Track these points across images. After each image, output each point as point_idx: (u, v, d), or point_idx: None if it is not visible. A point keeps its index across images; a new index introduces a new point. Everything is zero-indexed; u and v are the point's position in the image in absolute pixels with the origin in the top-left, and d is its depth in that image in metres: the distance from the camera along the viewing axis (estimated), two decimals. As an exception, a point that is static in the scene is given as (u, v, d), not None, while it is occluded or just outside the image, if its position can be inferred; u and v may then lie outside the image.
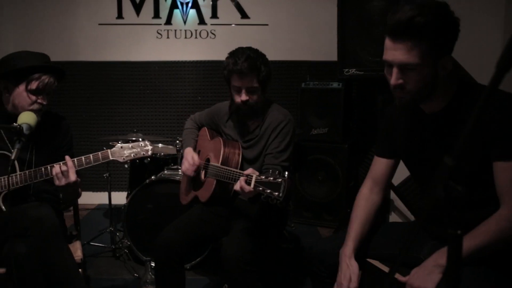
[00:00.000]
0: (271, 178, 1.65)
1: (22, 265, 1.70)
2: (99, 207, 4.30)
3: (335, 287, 1.59)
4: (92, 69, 4.29)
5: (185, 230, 2.09)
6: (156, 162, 3.17)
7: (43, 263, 1.79)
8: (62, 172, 1.84)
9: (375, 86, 3.15)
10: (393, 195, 3.33)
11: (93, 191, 4.30)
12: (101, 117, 4.38)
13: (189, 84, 4.34)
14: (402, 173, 2.23)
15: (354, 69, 3.04)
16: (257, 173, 1.72)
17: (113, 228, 3.24)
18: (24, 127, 1.69)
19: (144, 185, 2.87)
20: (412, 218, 3.31)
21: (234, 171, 1.94)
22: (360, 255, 1.63)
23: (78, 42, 4.28)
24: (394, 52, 1.37)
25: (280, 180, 1.62)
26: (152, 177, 2.94)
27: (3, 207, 1.90)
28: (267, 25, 4.28)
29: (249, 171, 1.74)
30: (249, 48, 2.10)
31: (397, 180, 3.13)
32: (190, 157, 2.21)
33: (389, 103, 1.71)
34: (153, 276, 2.53)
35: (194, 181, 2.35)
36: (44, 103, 2.01)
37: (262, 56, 2.11)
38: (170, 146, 3.51)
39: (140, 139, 2.03)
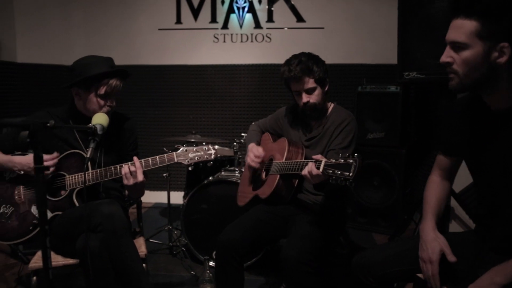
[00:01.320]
0: (342, 160, 1.64)
1: (95, 258, 1.80)
2: (156, 206, 4.45)
3: (422, 265, 1.53)
4: (152, 73, 4.46)
5: (246, 230, 2.12)
6: (213, 163, 3.24)
7: (112, 257, 1.88)
8: (130, 172, 1.93)
9: (437, 90, 3.05)
10: (453, 203, 3.21)
11: (151, 190, 4.45)
12: (160, 119, 4.54)
13: (244, 87, 4.41)
14: (464, 179, 2.15)
15: (415, 73, 2.96)
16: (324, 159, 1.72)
17: (171, 226, 3.34)
18: (98, 127, 1.78)
19: (202, 185, 2.94)
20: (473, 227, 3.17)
21: (299, 161, 1.96)
22: (412, 268, 1.59)
23: (139, 47, 4.45)
24: (450, 30, 1.40)
25: (351, 161, 1.61)
26: (210, 177, 3.00)
27: (76, 203, 2.02)
28: (322, 28, 4.27)
29: (318, 156, 1.75)
30: (302, 53, 2.18)
31: (458, 187, 3.01)
32: (255, 150, 2.27)
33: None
34: (211, 275, 2.59)
35: (254, 182, 2.38)
36: (113, 105, 2.14)
37: (314, 57, 2.17)
38: (226, 148, 3.56)
39: (204, 143, 2.08)
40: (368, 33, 4.18)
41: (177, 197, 3.93)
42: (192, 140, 3.11)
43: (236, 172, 3.07)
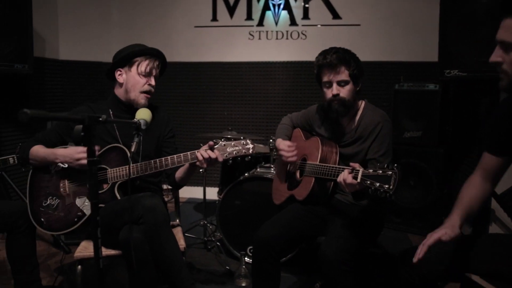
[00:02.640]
0: (380, 171, 1.62)
1: (137, 249, 1.85)
2: (190, 201, 4.52)
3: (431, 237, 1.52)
4: (187, 69, 4.53)
5: (283, 228, 2.13)
6: (248, 160, 3.26)
7: (153, 249, 1.93)
8: (210, 159, 1.95)
9: (479, 88, 2.97)
10: (494, 204, 3.12)
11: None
12: (195, 115, 4.61)
13: (279, 85, 4.42)
14: (506, 181, 2.09)
15: (457, 70, 2.89)
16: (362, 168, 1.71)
17: (206, 221, 3.38)
18: (142, 122, 1.83)
19: (238, 181, 2.97)
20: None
21: (334, 167, 1.95)
22: (459, 268, 1.55)
23: (176, 44, 4.53)
24: (500, 29, 1.38)
25: (390, 172, 1.59)
26: (246, 174, 3.03)
27: (118, 196, 2.08)
28: (359, 25, 4.22)
29: (356, 165, 1.74)
30: (340, 47, 2.14)
31: (500, 188, 2.93)
32: (284, 146, 2.24)
33: (494, 106, 1.63)
34: (246, 270, 2.61)
35: (288, 180, 2.38)
36: (153, 83, 2.22)
37: (352, 53, 2.13)
38: (261, 145, 3.58)
39: (242, 137, 2.09)
40: (405, 30, 4.10)
41: (211, 193, 3.99)
42: (229, 136, 3.14)
43: (272, 169, 3.08)
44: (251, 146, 2.02)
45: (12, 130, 3.82)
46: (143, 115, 1.91)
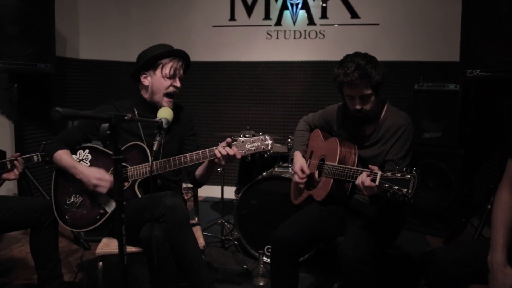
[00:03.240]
0: (399, 175, 1.61)
1: (159, 247, 1.87)
2: (207, 199, 4.55)
3: None
4: (205, 69, 4.56)
5: (302, 227, 2.13)
6: (265, 159, 3.26)
7: (174, 247, 1.95)
8: (228, 155, 1.97)
9: (501, 88, 2.92)
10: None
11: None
12: (213, 114, 4.63)
13: (297, 84, 4.41)
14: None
15: (479, 70, 2.84)
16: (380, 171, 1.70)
17: (223, 220, 3.40)
18: (164, 121, 1.85)
19: (256, 181, 2.97)
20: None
21: (353, 169, 1.94)
22: (486, 270, 1.53)
23: (193, 43, 4.55)
24: None
25: (409, 176, 1.59)
26: (264, 173, 3.03)
27: (138, 194, 2.11)
28: (378, 24, 4.19)
29: (374, 168, 1.73)
30: (357, 54, 2.04)
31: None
32: (298, 169, 2.27)
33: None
34: (265, 269, 2.62)
35: (307, 180, 2.38)
36: (178, 85, 2.24)
37: (372, 59, 2.03)
38: (278, 145, 3.58)
39: (260, 133, 2.08)
40: (425, 29, 4.06)
41: (228, 192, 4.00)
42: (247, 136, 3.14)
43: (290, 168, 3.08)
44: (269, 142, 2.01)
45: (34, 128, 3.90)
46: (165, 114, 1.93)
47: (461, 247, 1.71)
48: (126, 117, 1.32)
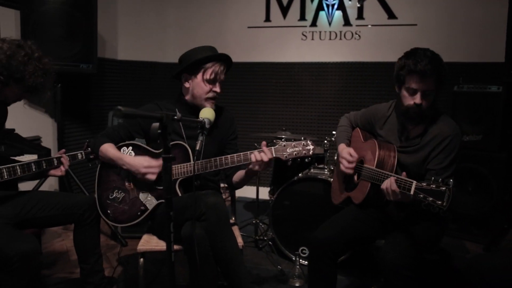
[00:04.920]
0: (433, 186, 1.59)
1: (199, 245, 1.90)
2: (239, 199, 4.57)
3: None
4: (240, 70, 4.58)
5: (342, 229, 2.11)
6: (301, 161, 3.25)
7: (214, 245, 1.97)
8: (262, 159, 1.99)
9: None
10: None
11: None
12: (249, 115, 4.65)
13: (332, 85, 4.39)
14: None
15: (525, 71, 2.75)
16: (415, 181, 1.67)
17: (258, 220, 3.41)
18: (206, 121, 1.88)
19: (292, 181, 2.97)
20: None
21: (390, 175, 1.90)
22: None
23: (228, 44, 4.59)
24: None
25: (444, 188, 1.56)
26: (299, 174, 3.03)
27: (179, 192, 2.14)
28: (415, 25, 4.11)
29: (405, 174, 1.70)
30: (427, 49, 1.99)
31: None
32: (346, 154, 2.22)
33: None
34: (301, 270, 2.62)
35: (347, 181, 2.36)
36: (218, 91, 2.25)
37: (440, 59, 1.98)
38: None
39: (302, 138, 2.08)
40: (465, 29, 3.95)
41: (262, 192, 4.01)
42: (283, 136, 3.15)
43: (326, 170, 3.07)
44: (311, 147, 2.03)
45: (75, 126, 4.03)
46: (207, 114, 1.96)
47: (505, 255, 1.66)
48: (176, 117, 1.35)
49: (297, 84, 4.47)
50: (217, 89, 2.24)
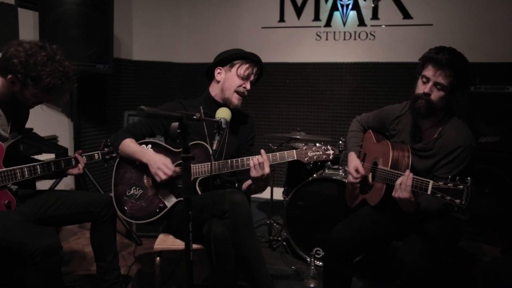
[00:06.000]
0: (451, 185, 1.57)
1: (220, 244, 1.91)
2: (252, 200, 4.56)
3: None
4: (254, 70, 4.58)
5: (357, 229, 2.10)
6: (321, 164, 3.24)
7: (236, 243, 1.98)
8: (259, 164, 2.01)
9: None
10: None
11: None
12: (263, 115, 4.66)
13: (346, 86, 4.37)
14: None
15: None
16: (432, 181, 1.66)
17: (271, 220, 3.41)
18: (222, 121, 1.88)
19: (306, 182, 2.97)
20: None
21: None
22: None
23: (242, 45, 4.51)
24: None
25: (461, 187, 1.54)
26: (314, 175, 3.02)
27: (198, 191, 2.15)
28: (431, 25, 4.08)
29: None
30: (453, 48, 1.97)
31: None
32: (352, 169, 2.25)
33: None
34: (316, 271, 2.61)
35: (362, 184, 2.35)
36: (248, 88, 2.29)
37: (466, 62, 1.96)
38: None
39: (322, 142, 2.10)
40: (482, 29, 3.91)
41: (275, 193, 4.01)
42: (297, 137, 3.15)
43: (340, 170, 3.05)
44: (331, 152, 2.08)
45: (90, 126, 4.08)
46: (223, 114, 1.96)
47: None
48: (194, 117, 1.36)
49: (311, 85, 4.47)
50: (247, 86, 2.28)
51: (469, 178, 1.56)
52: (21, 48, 1.88)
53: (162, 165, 2.08)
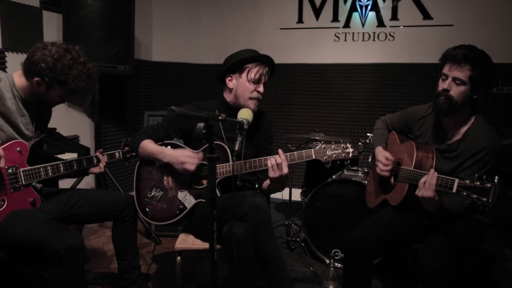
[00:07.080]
0: (478, 183, 1.55)
1: (241, 245, 1.92)
2: (270, 200, 4.58)
3: None
4: (273, 71, 4.59)
5: (379, 230, 2.10)
6: (333, 162, 3.23)
7: (256, 245, 1.99)
8: (277, 164, 2.00)
9: None
10: None
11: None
12: (281, 116, 4.66)
13: (364, 87, 4.35)
14: None
15: None
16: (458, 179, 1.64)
17: (290, 221, 3.41)
18: (244, 122, 1.89)
19: (326, 183, 2.96)
20: None
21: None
22: None
23: (261, 46, 4.57)
24: None
25: (489, 185, 1.52)
26: (333, 176, 3.01)
27: (218, 192, 2.16)
28: (452, 25, 4.03)
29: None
30: (475, 47, 1.96)
31: None
32: (382, 157, 2.21)
33: None
34: (335, 273, 2.60)
35: (382, 184, 2.33)
36: (261, 91, 2.25)
37: (487, 58, 1.94)
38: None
39: (342, 141, 2.08)
40: (503, 30, 3.86)
41: (293, 194, 4.01)
42: (316, 138, 3.14)
43: (359, 172, 3.04)
44: (351, 150, 2.04)
45: (111, 126, 4.14)
46: (245, 114, 1.97)
47: None
48: (220, 117, 1.37)
49: (329, 86, 4.46)
50: (261, 89, 2.24)
51: (496, 176, 1.54)
52: (48, 52, 1.92)
53: (185, 158, 2.07)
